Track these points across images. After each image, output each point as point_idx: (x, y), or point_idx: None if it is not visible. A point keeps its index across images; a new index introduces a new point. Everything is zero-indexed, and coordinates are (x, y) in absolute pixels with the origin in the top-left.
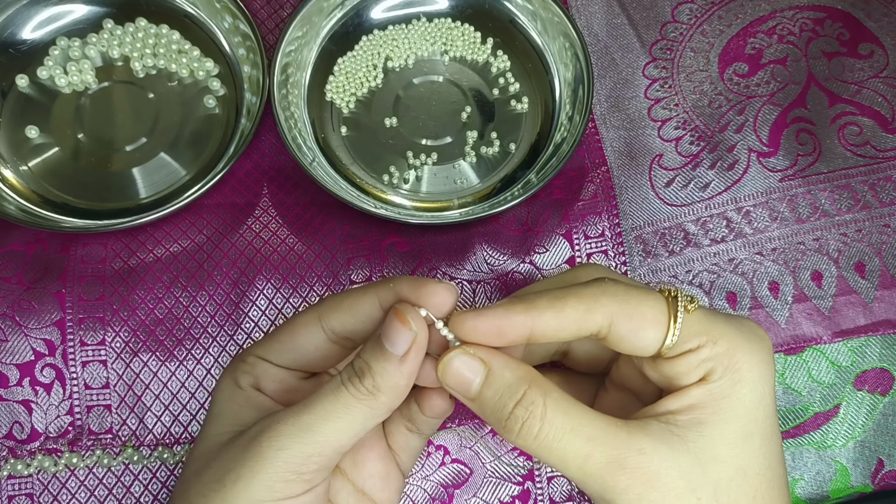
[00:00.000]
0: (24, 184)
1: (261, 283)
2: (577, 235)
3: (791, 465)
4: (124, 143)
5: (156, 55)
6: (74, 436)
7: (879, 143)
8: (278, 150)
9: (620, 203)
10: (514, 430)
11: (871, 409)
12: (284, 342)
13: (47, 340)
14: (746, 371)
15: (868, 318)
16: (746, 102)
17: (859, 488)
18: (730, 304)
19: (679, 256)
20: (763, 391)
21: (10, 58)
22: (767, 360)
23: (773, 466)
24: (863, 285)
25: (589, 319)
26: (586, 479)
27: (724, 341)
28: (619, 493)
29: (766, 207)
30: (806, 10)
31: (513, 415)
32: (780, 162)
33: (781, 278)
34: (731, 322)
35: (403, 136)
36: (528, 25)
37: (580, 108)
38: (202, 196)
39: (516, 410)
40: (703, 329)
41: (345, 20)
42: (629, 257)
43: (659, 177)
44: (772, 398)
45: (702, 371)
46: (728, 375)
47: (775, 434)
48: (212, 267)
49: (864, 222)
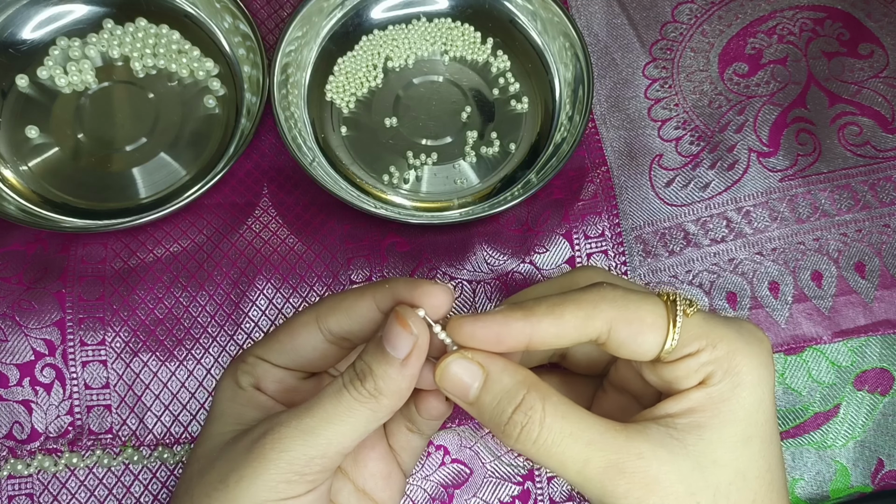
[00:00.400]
0: (24, 184)
1: (261, 282)
2: (577, 235)
3: (791, 465)
4: (124, 143)
5: (156, 55)
6: (74, 436)
7: (879, 143)
8: (278, 150)
9: (620, 203)
10: (512, 434)
11: (871, 409)
12: (284, 342)
13: (47, 340)
14: (746, 374)
15: (868, 318)
16: (746, 102)
17: (859, 488)
18: (730, 304)
19: (679, 256)
20: (763, 394)
21: (10, 58)
22: (767, 362)
23: (772, 469)
24: (863, 285)
25: (588, 326)
26: (585, 484)
27: (723, 344)
28: (618, 497)
29: (766, 207)
30: (806, 10)
31: (511, 420)
32: (780, 162)
33: (781, 278)
34: (731, 325)
35: (403, 136)
36: (528, 25)
37: (580, 108)
38: (202, 196)
39: (515, 415)
40: (702, 332)
41: (345, 20)
42: (629, 257)
43: (659, 177)
44: (771, 401)
45: (701, 375)
46: (728, 379)
47: (775, 437)
48: (212, 267)
49: (864, 222)
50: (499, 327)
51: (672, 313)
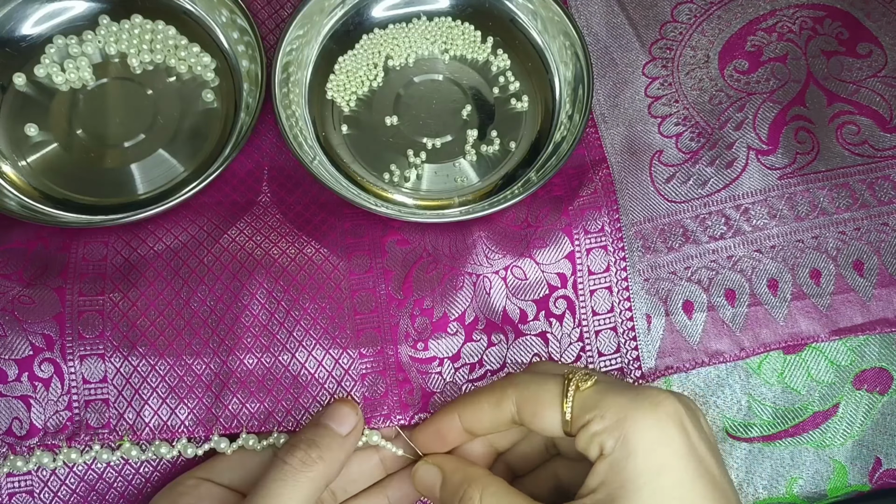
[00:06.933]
0: (24, 180)
1: (260, 277)
2: (576, 231)
3: (790, 464)
4: (123, 140)
5: (153, 51)
6: (73, 431)
7: (877, 143)
8: (279, 148)
9: (620, 198)
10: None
11: (870, 408)
12: (231, 460)
13: (45, 335)
14: (638, 440)
15: (865, 317)
16: (746, 99)
17: (857, 487)
18: (728, 301)
19: (678, 253)
20: (666, 458)
21: (7, 56)
22: (666, 426)
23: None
24: (861, 283)
25: (502, 409)
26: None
27: (612, 413)
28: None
29: (765, 205)
30: (806, 9)
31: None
32: (778, 160)
33: (780, 276)
34: (626, 393)
35: (404, 135)
36: (529, 24)
37: (580, 107)
38: (204, 194)
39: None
40: (593, 404)
41: (345, 19)
42: (629, 253)
43: (659, 173)
44: (684, 463)
45: (597, 445)
46: (619, 446)
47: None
48: (212, 262)
49: (862, 221)
50: (436, 425)
51: (566, 389)
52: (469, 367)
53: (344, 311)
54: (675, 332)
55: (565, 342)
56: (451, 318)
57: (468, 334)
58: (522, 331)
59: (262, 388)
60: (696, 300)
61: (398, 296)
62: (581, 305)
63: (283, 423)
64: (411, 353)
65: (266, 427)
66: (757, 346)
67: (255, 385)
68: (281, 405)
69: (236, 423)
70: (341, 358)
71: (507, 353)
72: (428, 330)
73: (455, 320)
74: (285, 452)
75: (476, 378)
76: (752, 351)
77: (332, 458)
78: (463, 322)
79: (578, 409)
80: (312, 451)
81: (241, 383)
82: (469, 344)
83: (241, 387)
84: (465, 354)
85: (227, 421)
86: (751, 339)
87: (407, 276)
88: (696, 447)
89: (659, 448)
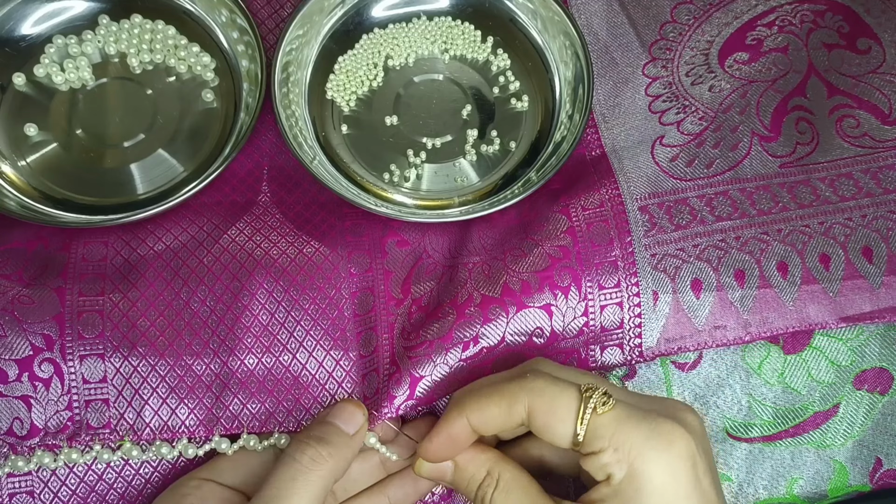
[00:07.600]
0: (23, 180)
1: (260, 277)
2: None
3: (790, 464)
4: (122, 140)
5: (152, 51)
6: (73, 431)
7: (878, 135)
8: (279, 148)
9: (620, 175)
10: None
11: (871, 408)
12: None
13: (45, 335)
14: (648, 480)
15: (874, 305)
16: (748, 86)
17: (857, 487)
18: (738, 282)
19: (685, 230)
20: (669, 498)
21: (7, 56)
22: (677, 467)
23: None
24: (870, 270)
25: (513, 413)
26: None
27: (624, 448)
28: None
29: (769, 191)
30: (806, 3)
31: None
32: (780, 147)
33: (789, 259)
34: (641, 426)
35: (404, 135)
36: (529, 24)
37: (580, 107)
38: (204, 195)
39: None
40: (608, 433)
41: (345, 18)
42: (633, 227)
43: (663, 153)
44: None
45: (604, 472)
46: (628, 481)
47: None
48: (212, 261)
49: (868, 208)
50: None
51: (583, 409)
52: (462, 346)
53: (344, 312)
54: (682, 311)
55: (569, 315)
56: (446, 304)
57: (460, 313)
58: (525, 303)
59: (263, 389)
60: (706, 279)
61: (397, 296)
62: (587, 279)
63: (284, 423)
64: (405, 345)
65: (267, 428)
66: (763, 329)
67: (256, 386)
68: (282, 406)
69: (237, 423)
70: (342, 360)
71: (506, 328)
72: (423, 321)
73: (448, 304)
74: (295, 450)
75: (470, 356)
76: (756, 335)
77: (340, 456)
78: (455, 304)
79: (591, 433)
80: (322, 448)
81: (242, 384)
82: (462, 322)
83: (241, 387)
84: (458, 334)
85: (229, 421)
86: (758, 322)
87: (407, 276)
88: (701, 481)
89: (667, 488)
